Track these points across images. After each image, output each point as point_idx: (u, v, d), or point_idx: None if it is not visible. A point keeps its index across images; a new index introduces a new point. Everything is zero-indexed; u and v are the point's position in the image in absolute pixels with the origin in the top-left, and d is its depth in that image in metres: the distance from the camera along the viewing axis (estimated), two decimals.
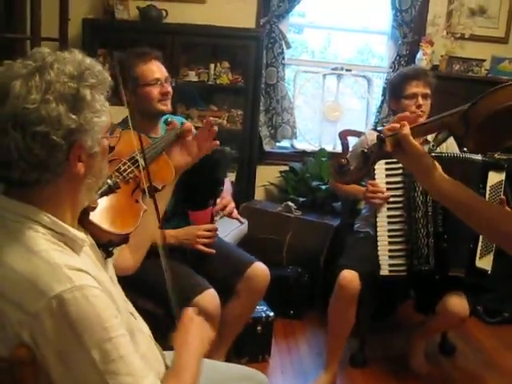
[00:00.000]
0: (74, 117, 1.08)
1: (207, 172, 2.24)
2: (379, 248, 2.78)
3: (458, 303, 2.76)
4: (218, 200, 2.55)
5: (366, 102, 4.44)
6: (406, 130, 1.36)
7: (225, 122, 3.95)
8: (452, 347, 3.30)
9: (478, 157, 2.72)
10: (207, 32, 3.76)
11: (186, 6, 3.90)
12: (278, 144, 4.27)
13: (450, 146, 3.01)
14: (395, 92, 3.01)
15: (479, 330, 3.46)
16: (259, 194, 4.19)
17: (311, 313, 3.51)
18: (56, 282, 1.04)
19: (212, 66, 3.84)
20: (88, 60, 1.14)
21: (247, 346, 2.91)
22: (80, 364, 1.04)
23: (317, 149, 4.23)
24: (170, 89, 2.43)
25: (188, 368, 1.28)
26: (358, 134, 3.69)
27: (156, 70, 2.41)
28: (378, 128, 3.25)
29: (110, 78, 1.17)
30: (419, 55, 4.04)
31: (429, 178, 1.37)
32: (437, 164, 1.39)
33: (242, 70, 3.89)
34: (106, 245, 1.32)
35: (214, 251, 2.50)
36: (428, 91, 2.95)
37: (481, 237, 2.66)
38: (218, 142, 1.88)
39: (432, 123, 1.40)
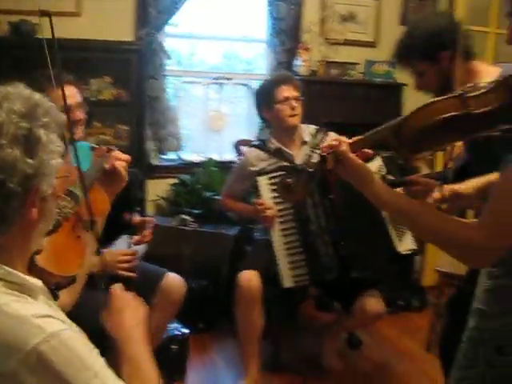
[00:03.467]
0: (30, 161, 1.00)
1: (124, 195, 2.14)
2: (278, 262, 2.79)
3: (374, 303, 2.86)
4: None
5: (249, 109, 4.50)
6: (345, 146, 1.40)
7: (111, 138, 3.81)
8: (358, 341, 3.43)
9: None
10: (85, 46, 3.61)
11: (61, 19, 3.68)
12: (164, 157, 4.20)
13: None
14: (266, 100, 3.06)
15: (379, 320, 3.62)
16: (150, 210, 4.09)
17: (220, 324, 3.50)
18: (28, 335, 0.96)
19: (93, 81, 3.69)
20: (36, 95, 1.06)
21: (163, 366, 2.81)
22: None
23: (204, 159, 4.21)
24: (81, 116, 2.31)
25: (142, 359, 1.23)
26: (249, 142, 3.74)
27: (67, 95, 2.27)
28: (256, 142, 3.27)
29: (63, 116, 1.08)
30: (297, 62, 4.14)
31: (370, 189, 1.40)
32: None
33: (124, 84, 3.78)
34: (53, 288, 1.22)
35: (135, 275, 2.40)
36: (298, 94, 3.04)
37: (390, 224, 2.74)
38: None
39: (367, 138, 1.44)
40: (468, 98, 1.28)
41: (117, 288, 1.35)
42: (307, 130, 3.13)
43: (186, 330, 2.89)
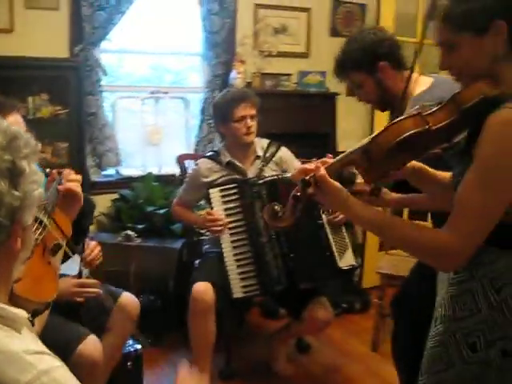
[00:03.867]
0: (16, 193, 1.00)
1: (79, 222, 2.14)
2: (229, 272, 2.86)
3: (322, 310, 2.96)
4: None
5: (185, 122, 4.53)
6: (322, 170, 1.46)
7: (49, 156, 3.76)
8: (307, 345, 3.52)
9: None
10: (20, 64, 3.56)
11: None
12: (104, 173, 4.17)
13: (282, 160, 3.21)
14: (223, 117, 3.11)
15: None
16: (92, 226, 4.04)
17: (169, 336, 3.50)
18: (19, 373, 0.93)
19: (30, 99, 3.63)
20: (13, 127, 1.05)
21: None
22: None
23: (143, 173, 4.21)
24: None
25: None
26: (194, 156, 3.79)
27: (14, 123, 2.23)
28: (209, 153, 3.32)
29: (38, 145, 1.09)
30: (233, 74, 4.21)
31: (347, 209, 1.49)
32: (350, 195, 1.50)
33: (61, 100, 3.74)
34: (31, 315, 1.22)
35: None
36: (254, 112, 3.10)
37: (333, 241, 2.87)
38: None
39: (341, 161, 1.52)
40: (426, 116, 1.40)
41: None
42: (260, 144, 3.21)
43: (139, 346, 2.89)
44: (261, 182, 2.91)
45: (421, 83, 2.21)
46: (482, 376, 1.48)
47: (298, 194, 1.49)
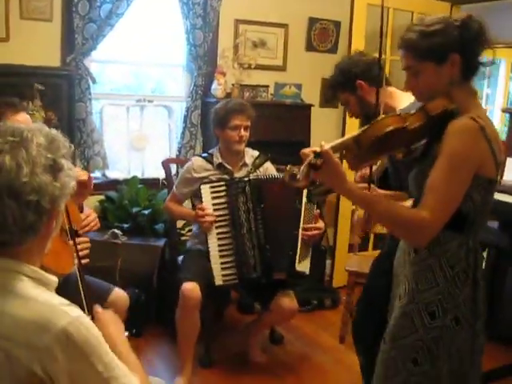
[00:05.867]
0: (57, 184, 1.25)
1: None
2: (212, 262, 3.16)
3: (288, 301, 3.26)
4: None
5: (168, 129, 4.80)
6: (327, 147, 1.75)
7: None
8: (280, 337, 3.80)
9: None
10: (14, 71, 3.79)
11: None
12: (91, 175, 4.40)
13: (267, 170, 3.50)
14: (220, 122, 3.41)
15: (298, 318, 3.96)
16: None
17: (150, 328, 3.75)
18: (57, 318, 1.21)
19: (24, 105, 3.85)
20: (52, 130, 1.31)
21: None
22: (89, 379, 1.24)
23: (128, 176, 4.46)
24: None
25: (131, 360, 1.46)
26: (178, 161, 4.10)
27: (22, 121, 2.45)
28: (204, 154, 3.62)
29: (72, 147, 1.35)
30: (214, 85, 4.48)
31: (345, 185, 1.79)
32: None
33: (53, 107, 3.97)
34: None
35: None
36: (249, 123, 3.40)
37: (299, 244, 3.19)
38: None
39: (336, 145, 1.83)
40: (405, 117, 1.79)
41: (97, 308, 1.58)
42: (250, 153, 3.52)
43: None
44: (246, 179, 3.22)
45: (399, 97, 2.53)
46: (439, 339, 1.81)
47: (312, 161, 1.74)
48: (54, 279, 1.35)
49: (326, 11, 4.95)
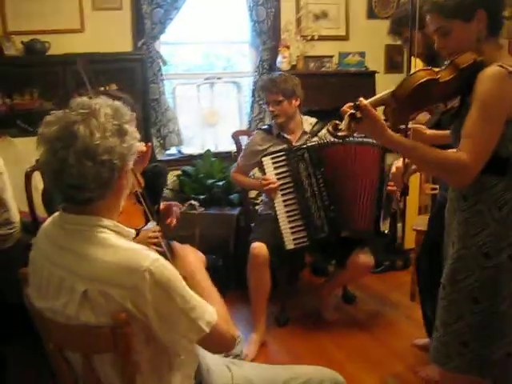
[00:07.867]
0: (124, 145, 1.45)
1: (154, 180, 2.63)
2: (282, 228, 3.32)
3: (364, 257, 3.40)
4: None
5: (238, 104, 5.00)
6: (365, 102, 1.87)
7: None
8: (353, 296, 3.95)
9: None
10: (90, 59, 4.06)
11: (67, 36, 4.17)
12: (167, 152, 4.69)
13: (326, 136, 3.63)
14: (263, 99, 3.68)
15: (370, 278, 4.13)
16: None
17: (229, 291, 3.98)
18: (141, 261, 1.41)
19: (101, 89, 4.15)
20: (116, 102, 1.51)
21: None
22: (171, 312, 1.44)
23: (202, 151, 4.71)
24: None
25: (212, 290, 1.66)
26: (247, 133, 4.31)
27: None
28: (264, 126, 3.81)
29: (134, 114, 1.53)
30: (279, 58, 4.64)
31: (386, 134, 1.89)
32: None
33: (129, 89, 4.23)
34: None
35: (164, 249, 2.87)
36: (280, 98, 3.53)
37: (384, 205, 3.32)
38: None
39: (375, 100, 1.93)
40: (437, 71, 1.87)
41: (175, 243, 1.80)
42: (308, 121, 3.68)
43: None
44: (304, 146, 3.37)
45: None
46: (495, 277, 1.91)
47: (353, 111, 1.86)
48: (131, 231, 1.56)
49: None
